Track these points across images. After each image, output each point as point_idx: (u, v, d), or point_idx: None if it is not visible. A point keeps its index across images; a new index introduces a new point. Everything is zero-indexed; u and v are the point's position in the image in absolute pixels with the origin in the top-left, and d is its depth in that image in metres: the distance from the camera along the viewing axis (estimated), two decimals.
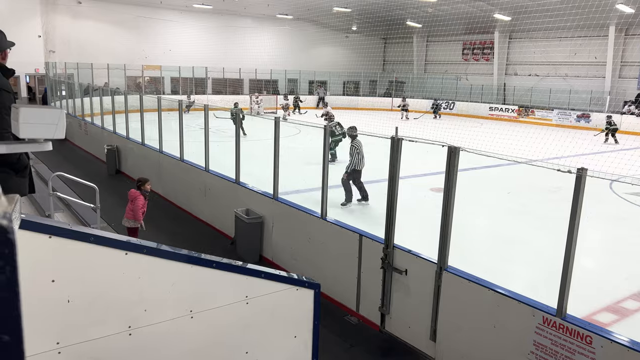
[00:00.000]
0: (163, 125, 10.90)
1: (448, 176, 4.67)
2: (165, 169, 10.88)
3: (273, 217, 7.32)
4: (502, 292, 4.28)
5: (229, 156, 8.29)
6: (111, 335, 2.36)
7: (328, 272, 6.23)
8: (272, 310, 2.93)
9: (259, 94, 29.03)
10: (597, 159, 14.54)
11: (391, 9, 29.14)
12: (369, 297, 5.66)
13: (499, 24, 30.25)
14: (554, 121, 27.27)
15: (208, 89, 32.05)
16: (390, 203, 5.27)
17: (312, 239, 6.54)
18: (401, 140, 5.14)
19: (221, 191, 8.72)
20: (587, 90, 27.67)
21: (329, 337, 5.34)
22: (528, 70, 31.51)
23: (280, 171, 7.19)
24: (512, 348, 4.18)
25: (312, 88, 36.64)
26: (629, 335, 3.73)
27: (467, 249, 6.93)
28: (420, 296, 5.01)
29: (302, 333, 3.09)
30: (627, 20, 25.62)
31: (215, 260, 2.68)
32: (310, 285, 3.08)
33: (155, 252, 2.45)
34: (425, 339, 5.00)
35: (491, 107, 30.76)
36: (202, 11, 31.70)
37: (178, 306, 2.56)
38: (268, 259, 7.50)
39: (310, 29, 35.41)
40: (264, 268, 2.93)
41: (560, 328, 3.84)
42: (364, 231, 5.78)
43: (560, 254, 3.87)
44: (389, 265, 5.29)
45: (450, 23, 28.63)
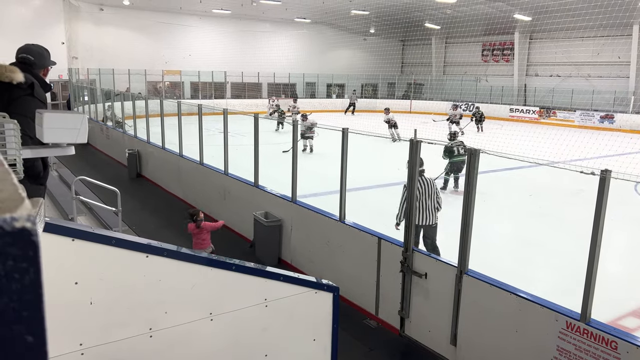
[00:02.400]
0: (183, 129, 11.03)
1: (468, 178, 4.62)
2: (185, 172, 11.00)
3: (292, 220, 7.34)
4: (524, 296, 4.22)
5: (249, 159, 8.35)
6: (133, 337, 2.38)
7: (347, 275, 6.22)
8: (291, 313, 2.93)
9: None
10: (622, 160, 14.24)
11: (409, 10, 29.03)
12: (388, 300, 5.62)
13: (519, 25, 29.89)
14: (577, 122, 26.81)
15: (227, 93, 32.33)
16: (410, 205, 5.24)
17: (330, 242, 6.53)
18: (420, 142, 5.11)
19: (240, 194, 8.77)
20: (610, 91, 27.15)
21: (348, 340, 5.32)
22: (549, 71, 31.05)
23: (301, 174, 7.20)
24: (535, 353, 4.11)
25: (330, 91, 36.67)
26: None
27: (488, 252, 6.85)
28: (441, 300, 4.96)
29: (321, 336, 3.09)
30: None
31: (235, 263, 2.69)
32: (329, 288, 3.07)
33: (176, 255, 2.47)
34: (445, 343, 4.95)
35: (512, 109, 30.38)
36: (221, 16, 32.03)
37: (198, 308, 2.58)
38: (287, 262, 7.51)
39: (328, 32, 35.49)
40: (282, 271, 2.93)
41: (584, 333, 3.76)
42: (383, 234, 5.75)
43: (584, 258, 3.80)
44: (409, 268, 5.25)
45: (469, 24, 28.38)
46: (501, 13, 27.63)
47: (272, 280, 2.83)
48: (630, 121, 25.17)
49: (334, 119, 22.19)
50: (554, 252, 7.77)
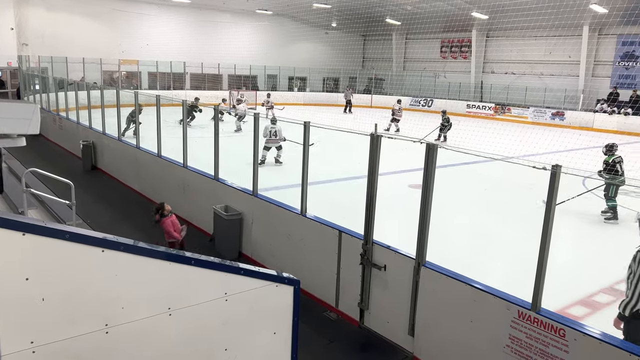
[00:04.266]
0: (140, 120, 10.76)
1: (426, 173, 4.72)
2: (143, 165, 10.74)
3: (252, 214, 7.30)
4: (478, 287, 4.35)
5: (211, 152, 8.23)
6: (87, 334, 2.32)
7: (308, 268, 6.25)
8: (252, 306, 2.92)
9: (240, 90, 28.66)
10: (571, 156, 14.84)
11: (370, 5, 29.21)
12: (348, 293, 5.69)
13: (476, 23, 30.60)
14: (530, 119, 27.74)
15: (186, 84, 31.70)
16: (370, 199, 5.30)
17: (291, 236, 6.54)
18: (380, 137, 5.17)
19: (200, 187, 8.65)
20: (561, 89, 28.21)
21: (309, 332, 5.35)
22: (505, 69, 31.96)
23: (263, 168, 7.16)
24: (489, 342, 4.26)
25: (291, 84, 36.54)
26: (600, 328, 3.83)
27: (445, 244, 7.02)
28: (399, 291, 5.05)
29: (281, 329, 3.10)
30: (601, 21, 26.17)
31: (194, 257, 2.66)
32: (289, 281, 3.08)
33: (133, 249, 2.42)
34: (403, 333, 5.05)
35: (469, 105, 31.12)
36: (181, 5, 31.32)
37: (156, 303, 2.54)
38: (247, 256, 7.47)
39: (290, 24, 35.29)
40: (243, 265, 2.92)
41: (535, 322, 3.92)
42: (344, 227, 5.80)
43: (535, 249, 3.95)
44: (368, 261, 5.32)
45: (429, 21, 28.83)
46: (459, 11, 28.20)
47: (233, 274, 2.82)
48: (579, 118, 26.26)
49: (301, 112, 22.15)
50: (508, 244, 8.04)
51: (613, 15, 24.85)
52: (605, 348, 3.54)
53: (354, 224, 5.71)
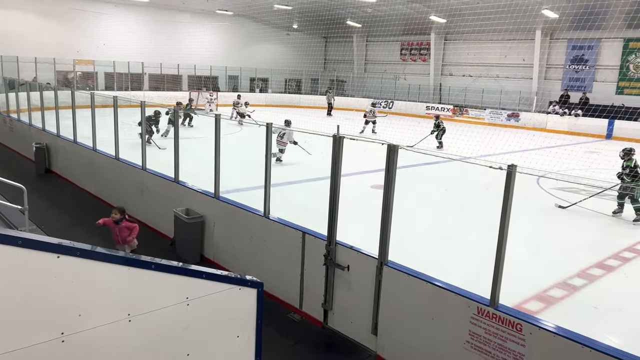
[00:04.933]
0: (97, 122, 10.45)
1: (388, 173, 4.78)
2: (100, 167, 10.44)
3: (214, 216, 7.21)
4: (439, 284, 4.44)
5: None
6: (43, 343, 2.24)
7: (271, 270, 6.22)
8: (214, 310, 2.89)
9: (211, 91, 28.28)
10: (526, 156, 15.36)
11: (331, 8, 29.38)
12: (312, 294, 5.70)
13: (434, 26, 31.23)
14: (487, 120, 28.52)
15: (145, 85, 31.01)
16: (333, 200, 5.33)
17: (254, 238, 6.49)
18: (342, 138, 5.21)
19: (159, 190, 8.48)
20: (516, 91, 29.15)
21: (273, 335, 5.33)
22: (462, 71, 32.76)
23: (223, 170, 7.08)
24: (450, 338, 4.35)
25: (253, 85, 36.32)
26: (555, 321, 3.98)
27: (407, 243, 7.13)
28: (362, 291, 5.10)
29: (245, 332, 3.07)
30: (552, 25, 27.22)
31: (154, 261, 2.61)
32: (253, 284, 3.06)
33: (90, 254, 2.35)
34: (366, 333, 5.10)
35: (428, 107, 31.72)
36: (139, 4, 30.63)
37: (115, 310, 2.48)
38: (209, 259, 7.38)
39: (251, 25, 35.08)
40: (205, 268, 2.88)
41: (493, 317, 4.03)
42: (307, 228, 5.81)
43: (493, 247, 4.07)
44: (332, 261, 5.35)
45: (389, 24, 29.27)
46: (418, 14, 28.72)
47: (194, 278, 2.78)
48: (533, 119, 27.21)
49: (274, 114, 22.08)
50: (467, 242, 8.24)
51: (563, 20, 25.88)
52: (559, 341, 3.67)
53: (318, 225, 5.73)
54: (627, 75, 26.11)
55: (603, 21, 24.89)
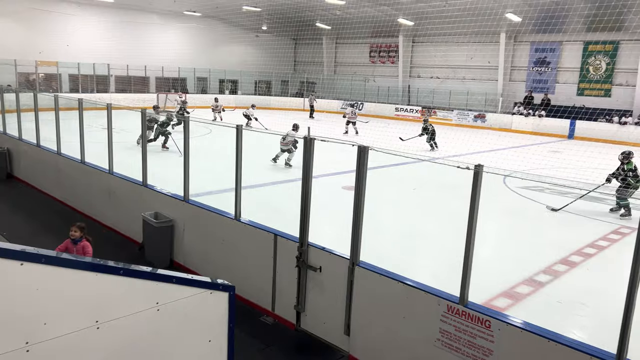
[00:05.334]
0: (61, 125, 10.18)
1: (358, 174, 4.81)
2: (65, 172, 10.17)
3: (184, 220, 7.12)
4: (410, 284, 4.50)
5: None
6: (5, 354, 2.17)
7: (243, 273, 6.18)
8: (185, 315, 2.85)
9: (180, 92, 27.95)
10: (492, 155, 15.71)
11: (301, 10, 29.43)
12: (285, 296, 5.69)
13: (402, 28, 31.63)
14: (454, 121, 29.04)
15: (111, 87, 30.38)
16: (304, 202, 5.33)
17: (225, 241, 6.44)
18: (313, 140, 5.22)
19: (127, 194, 8.32)
20: (482, 92, 29.79)
21: (245, 339, 5.30)
22: (430, 73, 33.27)
23: (193, 172, 7.00)
24: (421, 337, 4.41)
25: (222, 87, 36.03)
26: (522, 317, 4.08)
27: (379, 244, 7.19)
28: (334, 292, 5.12)
29: (216, 337, 3.05)
30: (516, 28, 27.94)
31: (122, 267, 2.56)
32: (224, 287, 3.04)
33: (55, 261, 2.29)
34: (339, 333, 5.12)
35: (397, 108, 32.11)
36: (104, 5, 29.97)
37: (82, 317, 2.42)
38: (180, 264, 7.28)
39: (220, 27, 34.80)
40: (175, 273, 2.85)
41: (462, 315, 4.11)
42: (279, 231, 5.80)
43: (462, 246, 4.14)
44: (304, 263, 5.35)
45: (358, 26, 29.50)
46: (387, 17, 29.05)
47: (164, 283, 2.74)
48: (498, 120, 27.86)
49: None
50: (437, 241, 8.37)
51: (526, 23, 26.61)
52: (527, 336, 3.77)
53: (290, 227, 5.72)
54: (587, 77, 27.02)
55: (564, 25, 25.72)
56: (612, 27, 23.03)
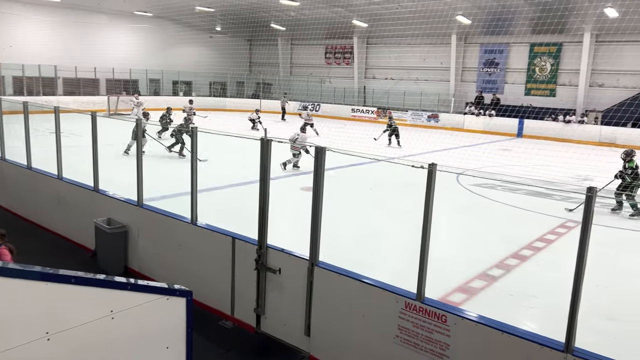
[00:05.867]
0: (5, 129, 9.73)
1: (316, 175, 4.83)
2: (10, 178, 9.72)
3: (139, 225, 6.94)
4: (369, 282, 4.55)
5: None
6: None
7: (201, 278, 6.08)
8: (141, 322, 2.79)
9: (137, 94, 27.22)
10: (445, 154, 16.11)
11: (255, 10, 29.26)
12: (244, 299, 5.64)
13: (357, 30, 31.97)
14: (409, 121, 29.59)
15: (58, 89, 29.23)
16: (262, 204, 5.31)
17: (182, 246, 6.33)
18: (270, 141, 5.20)
19: (78, 200, 8.04)
20: (435, 93, 30.50)
21: (204, 344, 5.23)
22: (385, 74, 33.78)
23: (147, 176, 6.84)
24: (380, 334, 4.47)
25: (176, 88, 35.34)
26: (477, 311, 4.21)
27: (338, 243, 7.25)
28: (294, 293, 5.12)
29: (174, 343, 2.99)
30: (465, 30, 28.78)
31: (74, 275, 2.48)
32: (181, 293, 2.99)
33: (1, 271, 2.19)
34: (299, 334, 5.12)
35: (353, 109, 32.42)
36: (50, 4, 28.80)
37: (31, 329, 2.32)
38: (135, 270, 7.09)
39: (172, 27, 34.10)
40: (130, 279, 2.79)
41: (420, 311, 4.20)
42: (237, 233, 5.74)
43: (418, 243, 4.23)
44: (263, 265, 5.32)
45: (313, 27, 29.60)
46: (341, 18, 29.29)
47: (118, 290, 2.67)
48: (451, 120, 28.61)
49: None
50: (395, 239, 8.51)
51: (475, 25, 27.44)
52: (481, 329, 3.89)
53: (248, 229, 5.68)
54: (534, 78, 28.13)
55: (510, 27, 26.68)
56: (554, 30, 24.06)
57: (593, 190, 3.43)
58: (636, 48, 24.54)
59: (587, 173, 15.24)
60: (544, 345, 3.61)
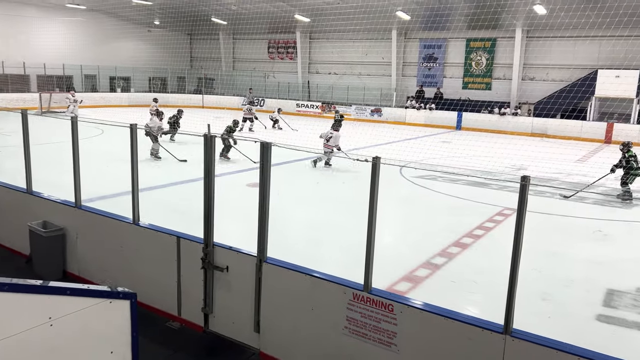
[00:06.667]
0: None
1: (262, 171, 4.81)
2: None
3: (77, 228, 6.65)
4: (317, 275, 4.59)
5: None
6: None
7: (146, 279, 5.92)
8: (83, 327, 2.69)
9: (73, 91, 25.95)
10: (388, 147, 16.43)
11: (194, 4, 28.63)
12: (191, 299, 5.54)
13: (299, 25, 31.95)
14: (353, 115, 29.96)
15: None
16: (208, 202, 5.22)
17: (124, 247, 6.12)
18: (214, 137, 5.12)
19: (9, 203, 7.59)
20: (377, 87, 31.03)
21: (151, 346, 5.10)
22: (328, 69, 33.99)
23: (85, 176, 6.56)
24: (329, 326, 4.53)
25: (113, 84, 34.02)
26: (422, 299, 4.34)
27: (287, 239, 7.25)
28: (243, 291, 5.08)
29: (119, 347, 2.91)
30: (405, 26, 29.43)
31: (7, 282, 2.35)
32: (125, 295, 2.90)
33: None
34: (249, 331, 5.10)
35: (298, 104, 32.43)
36: None
37: None
38: (74, 274, 6.80)
39: (108, 21, 32.76)
40: (69, 284, 2.67)
41: (367, 301, 4.28)
42: (182, 233, 5.63)
43: (365, 235, 4.31)
44: (210, 264, 5.25)
45: (255, 22, 29.32)
46: (283, 12, 29.16)
47: (57, 296, 2.56)
48: (393, 114, 29.22)
49: None
50: (341, 232, 8.61)
51: (414, 21, 28.11)
52: (426, 316, 4.02)
53: (194, 228, 5.58)
54: (470, 72, 29.19)
55: (447, 22, 27.54)
56: (489, 26, 25.08)
57: (527, 179, 3.61)
58: (563, 43, 25.99)
59: (521, 163, 16.03)
60: (484, 328, 3.78)
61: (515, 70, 27.26)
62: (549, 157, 15.83)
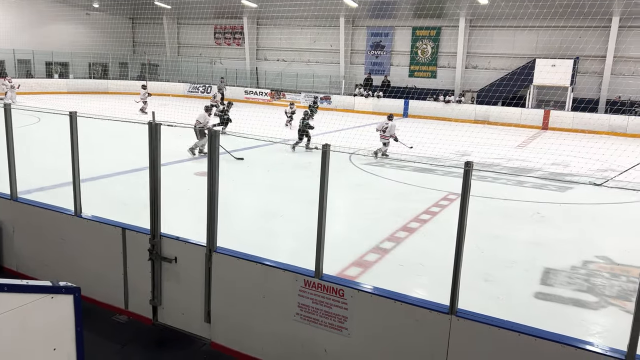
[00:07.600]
0: None
1: (211, 160, 4.73)
2: None
3: (13, 221, 6.32)
4: (268, 264, 4.59)
5: None
6: None
7: (90, 273, 5.71)
8: (22, 325, 2.57)
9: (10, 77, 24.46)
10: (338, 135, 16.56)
11: None
12: (139, 291, 5.41)
13: (246, 10, 31.41)
14: (302, 103, 29.88)
15: None
16: (154, 191, 5.09)
17: (66, 240, 5.88)
18: (159, 125, 4.98)
19: None
20: (326, 75, 31.07)
21: (97, 341, 4.94)
22: (276, 56, 33.68)
23: (22, 166, 6.22)
24: (281, 313, 4.54)
25: (50, 70, 32.29)
26: (371, 283, 4.43)
27: (237, 228, 7.19)
28: (192, 281, 5.01)
29: (62, 344, 2.80)
30: (353, 13, 29.55)
31: None
32: (67, 290, 2.79)
33: None
34: (199, 322, 5.04)
35: (246, 91, 32.01)
36: None
37: None
38: (11, 270, 6.47)
39: (43, 3, 30.98)
40: (5, 280, 2.54)
41: (318, 287, 4.33)
42: (127, 224, 5.46)
43: (315, 222, 4.33)
44: (157, 255, 5.13)
45: (199, 6, 28.58)
46: None
47: None
48: (342, 101, 29.40)
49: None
50: (293, 219, 8.63)
51: (361, 8, 28.26)
52: (376, 299, 4.11)
53: (141, 219, 5.42)
54: (416, 60, 29.74)
55: (394, 11, 27.87)
56: (434, 14, 25.58)
57: (470, 164, 3.74)
58: (504, 33, 26.91)
59: (464, 149, 16.56)
60: (431, 309, 3.90)
61: (459, 59, 28.01)
62: (491, 142, 16.43)
